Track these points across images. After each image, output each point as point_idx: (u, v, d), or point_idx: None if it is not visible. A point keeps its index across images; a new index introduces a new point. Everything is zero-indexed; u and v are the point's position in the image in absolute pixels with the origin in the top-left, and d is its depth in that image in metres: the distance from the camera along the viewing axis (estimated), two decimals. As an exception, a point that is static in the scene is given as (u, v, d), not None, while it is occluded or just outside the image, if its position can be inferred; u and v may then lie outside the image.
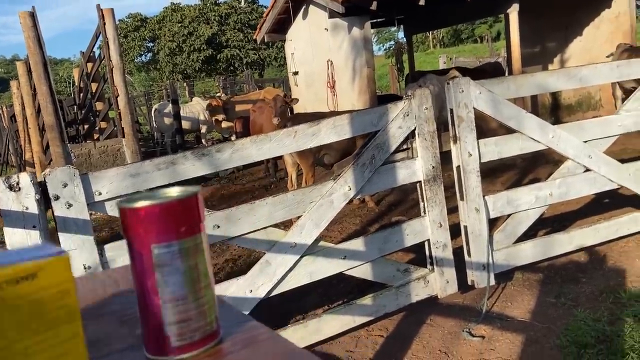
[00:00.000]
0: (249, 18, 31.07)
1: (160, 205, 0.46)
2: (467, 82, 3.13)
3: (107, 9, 7.33)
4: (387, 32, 44.79)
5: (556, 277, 3.54)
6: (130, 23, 33.44)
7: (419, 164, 3.12)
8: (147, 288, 0.47)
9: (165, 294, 0.47)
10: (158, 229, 0.46)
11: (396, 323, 3.24)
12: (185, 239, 0.47)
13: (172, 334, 0.47)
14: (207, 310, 0.49)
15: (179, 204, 0.47)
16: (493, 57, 19.86)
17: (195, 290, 0.48)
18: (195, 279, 0.48)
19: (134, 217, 0.47)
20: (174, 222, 0.46)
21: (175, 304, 0.47)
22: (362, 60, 8.15)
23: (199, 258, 0.48)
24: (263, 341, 0.47)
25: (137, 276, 0.48)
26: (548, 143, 3.30)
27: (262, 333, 0.49)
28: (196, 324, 0.48)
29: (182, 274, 0.47)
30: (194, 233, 0.48)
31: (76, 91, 11.13)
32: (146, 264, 0.47)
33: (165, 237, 0.46)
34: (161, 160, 2.50)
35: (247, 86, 17.82)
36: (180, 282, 0.47)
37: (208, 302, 0.49)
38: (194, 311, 0.48)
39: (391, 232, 3.12)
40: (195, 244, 0.48)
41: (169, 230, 0.46)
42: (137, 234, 0.47)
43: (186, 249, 0.47)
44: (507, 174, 6.50)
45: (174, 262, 0.47)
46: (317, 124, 2.88)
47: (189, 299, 0.48)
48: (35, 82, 7.24)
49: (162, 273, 0.47)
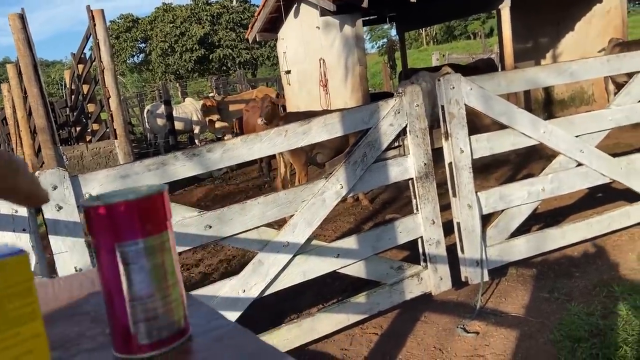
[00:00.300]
0: (241, 17, 30.98)
1: (125, 203, 0.46)
2: (458, 79, 3.13)
3: (97, 10, 7.28)
4: (380, 29, 44.81)
5: (549, 272, 3.55)
6: (122, 24, 33.28)
7: (411, 161, 3.12)
8: (112, 287, 0.47)
9: (131, 292, 0.47)
10: (122, 227, 0.46)
11: (390, 320, 3.24)
12: (150, 236, 0.47)
13: (139, 332, 0.47)
14: (174, 308, 0.48)
15: (143, 201, 0.47)
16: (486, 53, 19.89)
17: (162, 288, 0.48)
18: (162, 277, 0.48)
19: (98, 215, 0.47)
20: (138, 220, 0.46)
21: (142, 302, 0.47)
22: (354, 59, 8.14)
23: (166, 256, 0.48)
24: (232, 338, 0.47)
25: (103, 275, 0.48)
26: (540, 138, 3.31)
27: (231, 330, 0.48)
28: (163, 322, 0.48)
29: (148, 272, 0.47)
30: (160, 231, 0.48)
31: (68, 93, 11.07)
32: (111, 262, 0.47)
33: (130, 235, 0.46)
34: (151, 161, 2.49)
35: (240, 86, 17.79)
36: (146, 281, 0.47)
37: (175, 300, 0.49)
38: (161, 309, 0.48)
39: (384, 230, 3.12)
40: (161, 241, 0.48)
41: (134, 228, 0.46)
42: (101, 233, 0.47)
43: (152, 247, 0.47)
44: (501, 169, 6.51)
45: (140, 260, 0.46)
46: (308, 122, 2.87)
47: (156, 297, 0.47)
48: (25, 85, 7.18)
49: (128, 271, 0.47)
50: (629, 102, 3.58)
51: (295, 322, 2.94)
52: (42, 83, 7.02)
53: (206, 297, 2.65)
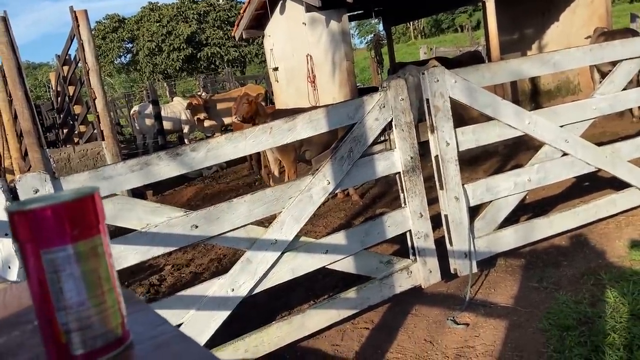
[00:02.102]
0: (227, 15, 30.83)
1: (51, 207, 0.44)
2: (442, 72, 3.13)
3: (80, 10, 7.20)
4: (368, 24, 44.80)
5: (538, 261, 3.57)
6: (108, 24, 33.00)
7: (397, 155, 3.12)
8: (41, 295, 0.45)
9: (60, 300, 0.45)
10: (48, 233, 0.44)
11: (381, 315, 3.24)
12: (80, 241, 0.45)
13: (72, 342, 0.45)
14: (110, 315, 0.47)
15: (71, 205, 0.45)
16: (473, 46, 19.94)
17: (95, 295, 0.46)
18: (95, 283, 0.46)
19: (23, 221, 0.44)
20: (66, 225, 0.44)
21: (73, 310, 0.45)
22: (342, 54, 8.13)
23: (99, 262, 0.46)
24: (173, 345, 0.46)
25: (31, 284, 0.46)
26: (525, 129, 3.32)
27: (174, 337, 0.47)
28: (98, 330, 0.46)
29: (79, 279, 0.45)
30: (91, 235, 0.46)
31: (54, 95, 10.96)
32: (38, 269, 0.44)
33: (57, 241, 0.44)
34: (134, 161, 2.47)
35: (228, 84, 17.70)
36: (77, 288, 0.45)
37: (111, 307, 0.47)
38: (95, 317, 0.46)
39: (372, 225, 3.12)
40: (92, 246, 0.46)
41: (61, 233, 0.44)
42: (26, 239, 0.44)
43: (82, 253, 0.45)
44: (490, 161, 6.54)
45: (68, 266, 0.45)
46: (293, 119, 2.86)
47: (89, 305, 0.45)
48: (10, 88, 7.10)
49: (56, 279, 0.44)
50: (612, 90, 3.61)
51: (286, 319, 2.93)
52: (27, 86, 6.94)
53: (195, 297, 2.65)
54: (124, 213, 2.43)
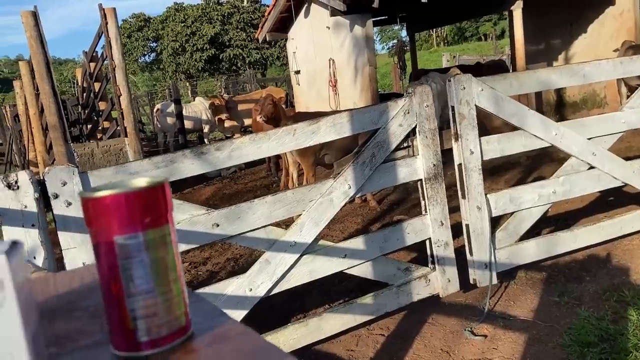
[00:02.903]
0: (251, 17, 31.04)
1: (125, 195, 0.45)
2: (469, 79, 3.10)
3: (109, 8, 7.32)
4: (390, 30, 44.72)
5: (559, 276, 3.51)
6: (134, 23, 33.48)
7: (420, 162, 3.10)
8: (111, 281, 0.46)
9: (130, 287, 0.45)
10: (121, 220, 0.44)
11: (397, 322, 3.22)
12: (150, 230, 0.45)
13: (138, 328, 0.46)
14: (175, 304, 0.47)
15: (143, 193, 0.45)
16: (497, 55, 19.78)
17: (162, 283, 0.46)
18: (162, 271, 0.46)
19: (97, 207, 0.45)
20: (138, 213, 0.45)
21: (141, 297, 0.45)
22: (364, 59, 8.12)
23: (167, 250, 0.46)
24: (234, 337, 0.46)
25: (102, 269, 0.46)
26: (551, 140, 3.27)
27: (233, 328, 0.47)
28: (163, 318, 0.46)
29: (148, 267, 0.45)
30: (161, 224, 0.46)
31: (79, 91, 11.15)
32: (110, 256, 0.45)
33: (129, 228, 0.44)
34: (160, 158, 2.49)
35: (249, 85, 17.81)
36: (146, 275, 0.45)
37: (176, 296, 0.47)
38: (161, 305, 0.46)
39: (392, 231, 3.10)
40: (161, 235, 0.46)
41: (133, 220, 0.44)
42: (99, 225, 0.45)
43: (152, 241, 0.45)
44: (511, 172, 6.46)
45: (139, 254, 0.45)
46: (317, 122, 2.86)
47: (156, 293, 0.46)
48: (38, 82, 7.24)
49: (127, 265, 0.45)
50: (642, 104, 3.53)
51: (302, 321, 2.93)
52: (54, 81, 7.07)
53: (213, 296, 2.65)
54: (147, 209, 2.45)
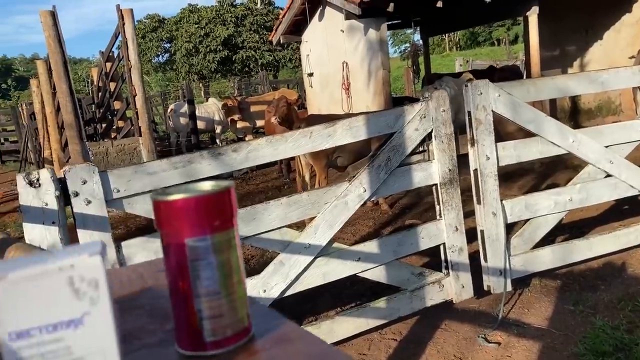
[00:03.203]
0: (264, 20, 31.16)
1: (196, 199, 0.46)
2: (486, 85, 3.09)
3: (126, 9, 7.40)
4: (402, 34, 44.67)
5: (574, 284, 3.49)
6: (148, 24, 33.75)
7: (436, 166, 3.09)
8: (181, 282, 0.47)
9: (198, 288, 0.47)
10: (193, 223, 0.46)
11: (410, 327, 3.21)
12: (218, 233, 0.47)
13: (204, 329, 0.47)
14: (239, 306, 0.48)
15: (213, 197, 0.47)
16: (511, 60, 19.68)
17: (227, 285, 0.47)
18: (228, 273, 0.47)
19: (169, 210, 0.46)
20: (208, 216, 0.46)
21: (208, 298, 0.47)
22: (378, 62, 8.12)
23: (232, 253, 0.48)
24: (295, 339, 0.47)
25: (171, 270, 0.47)
26: (568, 147, 3.25)
27: (293, 331, 0.48)
28: (228, 319, 0.47)
29: (215, 269, 0.47)
30: (227, 228, 0.47)
31: (95, 90, 11.26)
32: (181, 257, 0.46)
33: (199, 230, 0.46)
34: (178, 159, 2.51)
35: (262, 87, 17.88)
36: (213, 277, 0.47)
37: (240, 297, 0.48)
38: (226, 306, 0.47)
39: (406, 235, 3.09)
40: (228, 238, 0.47)
41: (203, 224, 0.46)
42: (171, 227, 0.46)
43: (219, 243, 0.47)
44: (525, 178, 6.42)
45: (208, 256, 0.46)
46: (333, 125, 2.87)
47: (222, 294, 0.47)
48: (55, 81, 7.33)
49: (196, 267, 0.46)
50: (661, 113, 3.50)
51: (314, 324, 2.93)
52: (71, 80, 7.15)
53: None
54: (164, 208, 2.47)
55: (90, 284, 0.36)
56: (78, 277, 0.36)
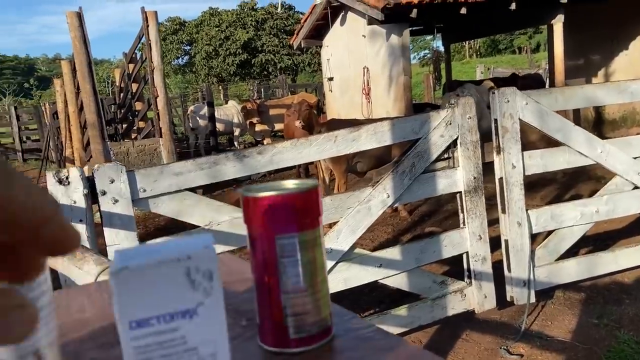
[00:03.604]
0: (284, 24, 31.31)
1: (285, 196, 0.46)
2: (513, 92, 3.05)
3: (150, 11, 7.49)
4: (421, 40, 44.51)
5: (598, 297, 3.42)
6: (169, 26, 34.13)
7: (460, 174, 3.06)
8: (268, 278, 0.47)
9: (285, 285, 0.46)
10: (282, 220, 0.46)
11: (430, 336, 3.17)
12: (305, 231, 0.47)
13: (290, 325, 0.47)
14: (322, 305, 0.48)
15: (301, 196, 0.47)
16: (533, 68, 19.48)
17: (313, 283, 0.47)
18: (313, 272, 0.47)
19: (259, 206, 0.46)
20: (296, 214, 0.46)
21: (295, 295, 0.47)
22: (399, 68, 8.09)
23: (317, 251, 0.48)
24: (377, 340, 0.46)
25: (258, 266, 0.47)
26: (596, 158, 3.20)
27: (374, 332, 0.47)
28: (313, 317, 0.47)
29: (302, 266, 0.47)
30: (314, 226, 0.47)
31: (116, 91, 11.40)
32: (269, 254, 0.46)
33: (288, 228, 0.46)
34: (204, 160, 2.52)
35: (280, 91, 17.95)
36: (299, 274, 0.46)
37: (324, 296, 0.48)
38: (311, 305, 0.47)
39: (429, 242, 3.06)
40: (314, 237, 0.47)
41: (291, 221, 0.46)
42: (261, 224, 0.46)
43: (306, 242, 0.47)
44: (548, 188, 6.33)
45: (294, 253, 0.46)
46: (358, 129, 2.86)
47: (308, 292, 0.47)
48: (79, 81, 7.43)
49: (284, 264, 0.46)
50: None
51: (334, 330, 2.91)
52: (95, 80, 7.25)
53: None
54: (188, 209, 2.48)
55: (205, 275, 0.37)
56: (194, 268, 0.37)
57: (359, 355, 0.44)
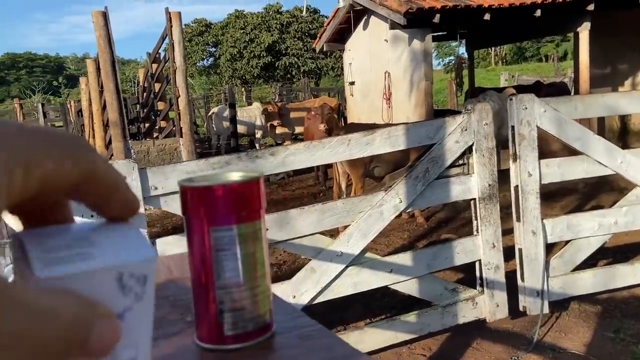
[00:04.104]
0: (309, 27, 31.44)
1: (223, 187, 0.44)
2: (532, 99, 3.01)
3: (174, 12, 7.60)
4: (447, 46, 44.21)
5: (615, 310, 3.33)
6: (195, 28, 34.59)
7: (475, 180, 3.02)
8: (203, 272, 0.45)
9: (221, 279, 0.45)
10: (218, 211, 0.44)
11: (440, 344, 3.13)
12: (244, 224, 0.45)
13: (225, 322, 0.45)
14: (261, 300, 0.46)
15: (240, 187, 0.45)
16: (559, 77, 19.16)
17: (251, 278, 0.45)
18: (252, 266, 0.45)
19: (195, 197, 0.45)
20: (234, 206, 0.44)
21: (231, 290, 0.45)
22: (421, 73, 8.05)
23: (257, 245, 0.46)
24: (318, 339, 0.45)
25: (194, 259, 0.46)
26: (616, 168, 3.12)
27: (315, 330, 0.46)
28: (250, 314, 0.45)
29: (239, 260, 0.45)
30: (254, 219, 0.45)
31: (140, 90, 11.59)
32: (204, 246, 0.45)
33: (225, 220, 0.44)
34: (216, 159, 2.54)
35: (303, 94, 18.01)
36: (236, 269, 0.45)
37: (263, 292, 0.46)
38: (249, 300, 0.45)
39: (441, 249, 3.03)
40: (254, 230, 0.45)
41: (229, 213, 0.44)
42: (197, 215, 0.45)
43: (245, 235, 0.45)
44: (568, 198, 6.21)
45: (232, 247, 0.44)
46: (372, 133, 2.85)
47: (245, 287, 0.45)
48: (103, 80, 7.58)
49: (220, 257, 0.44)
50: None
51: (343, 333, 2.90)
52: (118, 79, 7.38)
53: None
54: (200, 208, 2.50)
55: (139, 281, 0.34)
56: (128, 274, 0.33)
57: (296, 353, 0.43)
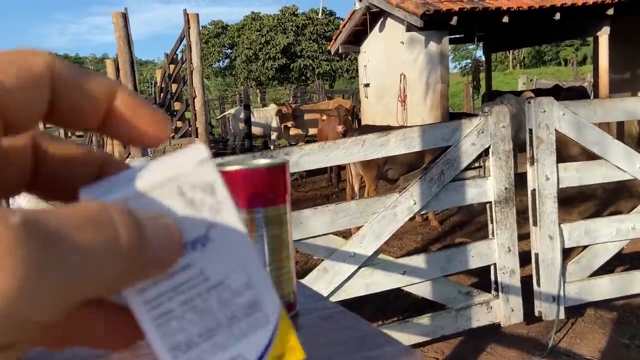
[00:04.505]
0: (324, 29, 31.50)
1: (251, 171, 0.46)
2: (550, 102, 2.97)
3: (192, 13, 7.66)
4: (464, 49, 43.94)
5: (631, 317, 3.28)
6: (212, 29, 34.86)
7: (491, 183, 3.00)
8: None
9: None
10: (246, 194, 0.46)
11: (453, 347, 3.11)
12: (270, 207, 0.47)
13: None
14: (286, 281, 0.48)
15: (267, 171, 0.47)
16: (578, 81, 18.94)
17: (276, 259, 0.47)
18: (278, 248, 0.48)
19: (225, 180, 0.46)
20: (261, 189, 0.46)
21: None
22: (437, 76, 8.01)
23: (283, 228, 0.48)
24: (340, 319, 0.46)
25: None
26: (635, 173, 3.08)
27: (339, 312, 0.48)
28: None
29: (266, 242, 0.47)
30: (279, 203, 0.47)
31: (157, 91, 11.71)
32: None
33: (252, 203, 0.46)
34: (231, 159, 2.55)
35: (317, 96, 18.03)
36: (262, 249, 0.47)
37: (287, 273, 0.48)
38: (274, 280, 0.47)
39: (455, 252, 3.01)
40: (279, 213, 0.47)
41: (257, 196, 0.46)
42: None
43: (271, 217, 0.47)
44: (586, 204, 6.13)
45: (260, 228, 0.47)
46: (386, 134, 2.84)
47: (271, 267, 0.47)
48: (121, 80, 7.66)
49: None
50: None
51: (355, 335, 2.89)
52: (137, 80, 7.46)
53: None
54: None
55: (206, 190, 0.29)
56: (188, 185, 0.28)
57: (316, 331, 0.45)
